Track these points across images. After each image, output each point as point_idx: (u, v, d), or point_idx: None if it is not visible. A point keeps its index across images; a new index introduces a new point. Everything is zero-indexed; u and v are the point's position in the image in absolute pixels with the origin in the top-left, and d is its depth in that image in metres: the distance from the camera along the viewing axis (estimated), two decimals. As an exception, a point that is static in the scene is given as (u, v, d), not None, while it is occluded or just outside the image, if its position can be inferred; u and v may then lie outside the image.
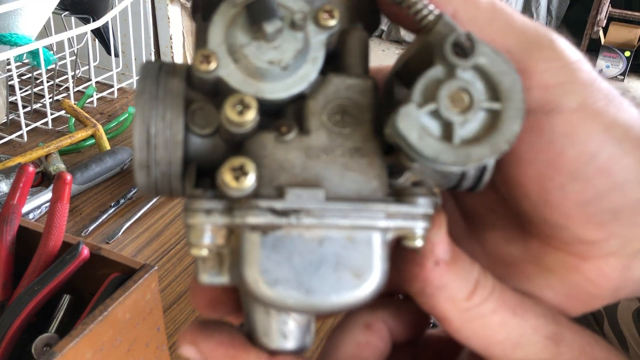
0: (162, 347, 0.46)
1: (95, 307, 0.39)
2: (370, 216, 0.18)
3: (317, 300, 0.18)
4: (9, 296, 0.46)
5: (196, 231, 0.18)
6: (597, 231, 0.21)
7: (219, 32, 0.19)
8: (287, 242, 0.18)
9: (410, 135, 0.17)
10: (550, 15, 3.71)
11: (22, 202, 0.47)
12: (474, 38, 0.18)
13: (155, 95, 0.19)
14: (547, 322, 0.21)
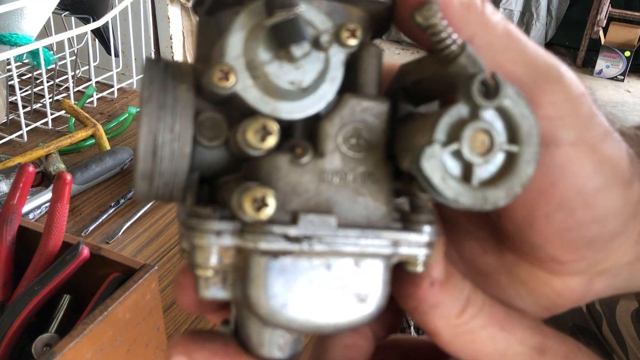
0: (162, 347, 0.46)
1: (95, 307, 0.39)
2: (378, 244, 0.18)
3: (321, 323, 0.18)
4: (9, 296, 0.46)
5: (204, 253, 0.18)
6: (571, 254, 0.23)
7: (237, 44, 0.18)
8: (297, 267, 0.18)
9: (434, 177, 0.17)
10: (550, 15, 3.71)
11: (22, 202, 0.47)
12: (499, 79, 0.17)
13: (163, 104, 0.18)
14: (533, 333, 0.22)
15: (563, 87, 0.20)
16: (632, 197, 0.22)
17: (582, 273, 0.24)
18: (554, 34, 3.75)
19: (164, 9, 1.40)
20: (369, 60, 0.19)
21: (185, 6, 1.42)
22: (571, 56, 3.72)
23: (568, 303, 0.25)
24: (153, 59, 0.19)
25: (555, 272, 0.24)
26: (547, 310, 0.26)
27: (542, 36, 3.73)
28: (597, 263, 0.24)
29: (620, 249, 0.23)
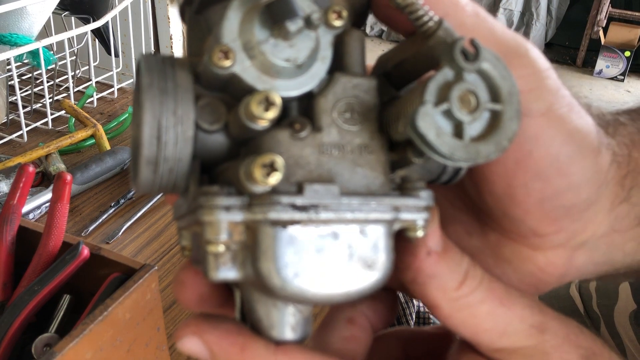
0: (162, 347, 0.46)
1: (95, 307, 0.39)
2: (380, 209, 0.19)
3: (332, 292, 0.19)
4: (9, 296, 0.46)
5: (214, 228, 0.18)
6: (550, 225, 0.24)
7: (233, 28, 0.19)
8: (305, 237, 0.18)
9: (429, 134, 0.18)
10: (550, 15, 3.71)
11: (22, 202, 0.47)
12: (478, 44, 0.19)
13: (164, 89, 0.18)
14: (533, 312, 0.23)
15: (530, 61, 0.22)
16: (602, 166, 0.23)
17: (563, 246, 0.25)
18: (554, 34, 3.75)
19: (164, 9, 1.40)
20: (353, 44, 0.20)
21: (185, 6, 1.42)
22: (571, 56, 3.72)
23: (552, 279, 0.26)
24: (149, 52, 0.20)
25: (537, 247, 0.25)
26: (533, 287, 0.27)
27: (542, 36, 3.73)
28: (576, 234, 0.25)
29: (595, 218, 0.25)
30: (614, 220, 0.25)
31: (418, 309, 1.00)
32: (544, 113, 0.22)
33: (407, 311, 0.92)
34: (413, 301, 0.92)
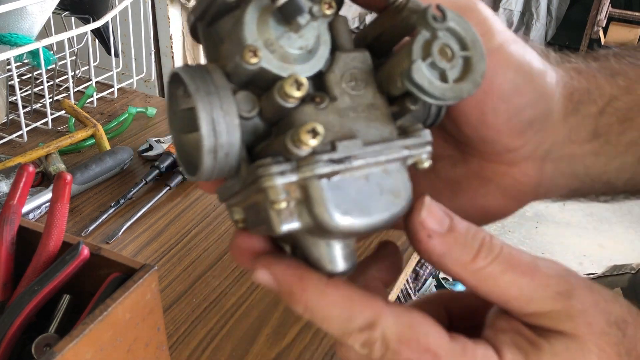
0: (162, 347, 0.46)
1: (95, 307, 0.39)
2: (394, 151, 0.24)
3: (375, 220, 0.23)
4: (9, 296, 0.46)
5: (274, 191, 0.22)
6: (518, 139, 0.29)
7: (252, 30, 0.23)
8: (345, 182, 0.23)
9: (424, 83, 0.23)
10: (550, 15, 3.71)
11: (22, 202, 0.47)
12: (443, 8, 0.24)
13: (209, 91, 0.23)
14: (558, 281, 0.25)
15: (479, 13, 0.28)
16: (550, 84, 0.29)
17: (531, 158, 0.30)
18: (554, 34, 3.75)
19: (164, 9, 1.40)
20: (341, 27, 0.25)
21: (185, 6, 1.42)
22: (571, 56, 3.72)
23: (529, 189, 0.31)
24: (184, 65, 0.24)
25: (511, 162, 0.30)
26: (515, 200, 0.32)
27: (542, 36, 3.72)
28: (539, 144, 0.30)
29: (552, 129, 0.30)
30: (569, 131, 0.30)
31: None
32: (497, 50, 0.27)
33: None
34: (413, 301, 0.92)
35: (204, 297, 0.64)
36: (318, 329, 0.60)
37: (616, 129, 0.31)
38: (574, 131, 0.30)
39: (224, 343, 0.58)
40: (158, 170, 0.82)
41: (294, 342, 0.58)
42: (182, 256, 0.70)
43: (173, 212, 0.78)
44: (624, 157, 0.31)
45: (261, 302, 0.63)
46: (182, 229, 0.74)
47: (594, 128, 0.31)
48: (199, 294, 0.64)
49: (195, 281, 0.66)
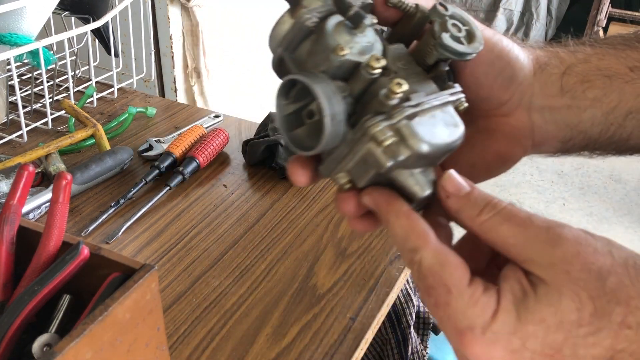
0: (162, 347, 0.46)
1: (95, 307, 0.39)
2: (444, 98, 0.34)
3: (449, 142, 0.33)
4: (9, 296, 0.46)
5: (382, 131, 0.32)
6: (505, 93, 0.40)
7: (335, 37, 0.34)
8: (422, 121, 0.32)
9: (454, 46, 0.35)
10: (550, 15, 3.71)
11: (22, 202, 0.47)
12: (444, 3, 0.36)
13: (319, 81, 0.33)
14: (547, 232, 0.30)
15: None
16: (519, 52, 0.40)
17: (520, 107, 0.41)
18: (554, 34, 3.75)
19: (164, 9, 1.40)
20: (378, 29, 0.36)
21: (185, 6, 1.41)
22: (571, 56, 3.71)
23: (526, 133, 0.42)
24: (294, 75, 0.34)
25: (506, 113, 0.41)
26: (519, 144, 0.42)
27: (542, 36, 3.72)
28: (522, 96, 0.41)
29: (527, 82, 0.40)
30: (541, 86, 0.41)
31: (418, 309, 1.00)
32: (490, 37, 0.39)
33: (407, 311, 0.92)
34: (413, 301, 0.92)
35: (204, 297, 0.64)
36: (318, 329, 0.60)
37: (579, 87, 0.40)
38: (545, 86, 0.41)
39: (224, 343, 0.58)
40: (158, 170, 0.82)
41: (294, 342, 0.58)
42: (182, 256, 0.70)
43: (173, 212, 0.78)
44: (592, 110, 0.41)
45: (261, 302, 0.63)
46: (182, 229, 0.74)
47: (560, 85, 0.41)
48: (199, 294, 0.64)
49: (195, 281, 0.66)
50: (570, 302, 0.29)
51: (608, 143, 0.41)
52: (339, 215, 0.78)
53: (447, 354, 1.13)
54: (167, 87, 1.51)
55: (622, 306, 0.28)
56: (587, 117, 0.41)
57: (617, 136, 0.42)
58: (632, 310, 0.28)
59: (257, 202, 0.80)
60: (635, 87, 0.40)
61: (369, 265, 0.69)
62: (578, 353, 0.29)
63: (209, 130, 0.93)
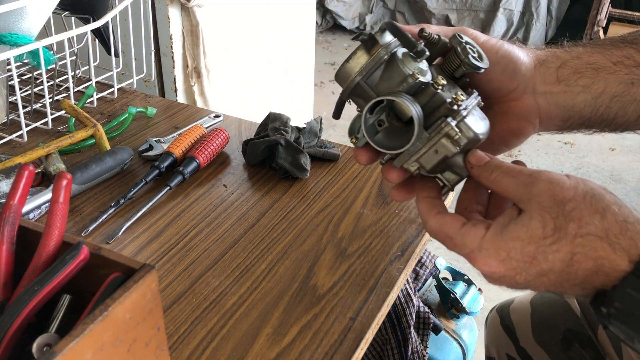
0: (162, 347, 0.46)
1: (95, 307, 0.39)
2: (474, 100, 0.49)
3: (485, 132, 0.48)
4: (9, 296, 0.46)
5: (454, 129, 0.46)
6: (512, 82, 0.54)
7: (406, 66, 0.47)
8: (470, 119, 0.47)
9: (477, 63, 0.49)
10: (550, 15, 3.71)
11: (22, 202, 0.47)
12: (460, 34, 0.50)
13: (406, 99, 0.47)
14: (528, 177, 0.44)
15: (471, 32, 0.54)
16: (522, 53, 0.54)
17: (526, 92, 0.54)
18: (554, 34, 3.75)
19: (164, 9, 1.40)
20: None
21: (185, 6, 1.41)
22: (571, 56, 3.71)
23: (534, 112, 0.55)
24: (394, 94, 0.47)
25: (515, 98, 0.54)
26: (528, 122, 0.55)
27: (542, 36, 3.72)
28: (526, 84, 0.54)
29: (530, 73, 0.54)
30: (541, 76, 0.53)
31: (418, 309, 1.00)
32: (484, 43, 0.53)
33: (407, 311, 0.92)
34: (413, 301, 0.92)
35: (204, 297, 0.64)
36: (318, 329, 0.60)
37: (572, 77, 0.53)
38: (544, 77, 0.54)
39: (224, 343, 0.58)
40: (158, 170, 0.82)
41: (294, 342, 0.58)
42: (182, 256, 0.70)
43: (173, 212, 0.78)
44: (584, 95, 0.53)
45: (261, 302, 0.63)
46: (182, 229, 0.74)
47: (556, 76, 0.53)
48: (199, 294, 0.64)
49: (195, 281, 0.66)
50: (537, 222, 0.41)
51: (599, 121, 0.51)
52: (339, 215, 0.78)
53: (447, 354, 1.13)
54: (167, 87, 1.51)
55: (575, 222, 0.40)
56: (579, 100, 0.53)
57: (606, 116, 0.54)
58: (583, 225, 0.40)
59: (257, 202, 0.80)
60: (618, 77, 0.52)
61: (369, 265, 0.69)
62: (547, 258, 0.41)
63: (209, 130, 0.93)
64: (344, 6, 4.04)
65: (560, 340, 0.85)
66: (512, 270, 0.43)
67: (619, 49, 0.53)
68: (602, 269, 0.39)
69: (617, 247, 0.39)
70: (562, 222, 0.40)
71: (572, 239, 0.40)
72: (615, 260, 0.39)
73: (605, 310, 0.40)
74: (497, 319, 0.95)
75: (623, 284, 0.38)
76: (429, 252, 1.11)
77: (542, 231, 0.41)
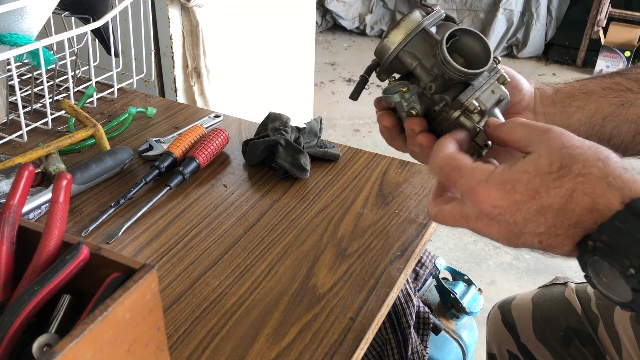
0: (162, 347, 0.46)
1: (95, 307, 0.39)
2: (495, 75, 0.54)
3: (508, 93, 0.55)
4: (9, 296, 0.46)
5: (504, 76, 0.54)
6: (517, 96, 0.59)
7: None
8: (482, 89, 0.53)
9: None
10: (550, 15, 3.70)
11: (22, 202, 0.47)
12: None
13: None
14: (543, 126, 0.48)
15: None
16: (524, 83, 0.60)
17: (527, 109, 0.61)
18: (554, 34, 3.75)
19: (164, 9, 1.40)
20: None
21: (185, 6, 1.41)
22: (571, 56, 3.72)
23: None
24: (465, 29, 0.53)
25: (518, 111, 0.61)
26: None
27: (542, 36, 3.72)
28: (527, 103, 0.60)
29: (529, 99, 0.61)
30: (539, 100, 0.61)
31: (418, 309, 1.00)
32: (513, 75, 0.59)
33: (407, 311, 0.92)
34: (413, 301, 0.92)
35: (204, 297, 0.64)
36: (318, 329, 0.60)
37: (566, 100, 0.60)
38: (542, 100, 0.61)
39: (224, 343, 0.58)
40: (158, 170, 0.82)
41: (294, 342, 0.58)
42: (182, 256, 0.70)
43: (173, 212, 0.78)
44: (578, 115, 0.59)
45: (261, 302, 0.63)
46: (182, 229, 0.74)
47: (552, 99, 0.60)
48: (199, 294, 0.64)
49: (195, 281, 0.66)
50: (545, 160, 0.45)
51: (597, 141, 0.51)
52: (339, 215, 0.78)
53: (447, 354, 1.13)
54: (167, 87, 1.51)
55: (579, 164, 0.44)
56: (575, 119, 0.59)
57: (601, 135, 0.59)
58: (586, 166, 0.43)
59: (257, 202, 0.80)
60: (608, 99, 0.59)
61: (369, 265, 0.69)
62: (550, 193, 0.44)
63: (209, 130, 0.93)
64: (344, 6, 4.04)
65: (561, 337, 0.85)
66: (514, 204, 0.45)
67: (608, 78, 0.61)
68: (597, 206, 0.43)
69: (613, 186, 0.42)
70: (568, 162, 0.44)
71: (574, 176, 0.43)
72: (610, 199, 0.42)
73: (592, 243, 0.42)
74: (498, 315, 0.95)
75: (612, 219, 0.42)
76: (429, 252, 1.11)
77: (548, 167, 0.44)
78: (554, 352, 0.85)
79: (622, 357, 0.77)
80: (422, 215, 0.78)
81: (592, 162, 0.43)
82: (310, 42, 2.07)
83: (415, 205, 0.80)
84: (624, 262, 0.41)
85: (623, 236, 0.41)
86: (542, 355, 0.87)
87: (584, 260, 0.44)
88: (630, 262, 0.41)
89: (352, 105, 3.09)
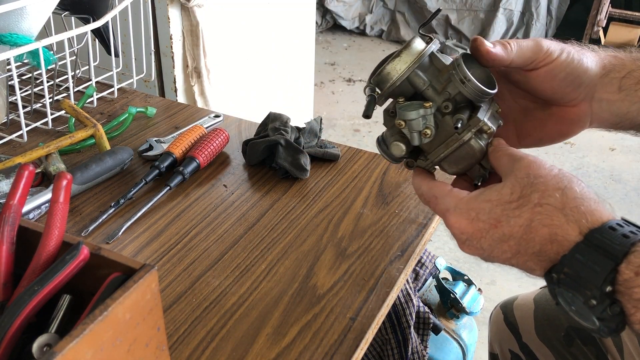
0: (162, 347, 0.46)
1: (95, 307, 0.39)
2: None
3: None
4: (9, 296, 0.46)
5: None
6: (575, 93, 0.56)
7: None
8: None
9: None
10: (550, 15, 3.70)
11: (22, 202, 0.47)
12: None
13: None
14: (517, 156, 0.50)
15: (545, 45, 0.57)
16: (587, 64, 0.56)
17: (584, 100, 0.57)
18: (554, 34, 3.74)
19: (164, 9, 1.40)
20: None
21: (185, 6, 1.41)
22: (571, 56, 3.71)
23: (585, 118, 0.58)
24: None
25: (574, 105, 0.57)
26: (577, 125, 0.58)
27: (542, 36, 3.72)
28: (587, 94, 0.56)
29: (592, 85, 0.56)
30: (603, 86, 0.56)
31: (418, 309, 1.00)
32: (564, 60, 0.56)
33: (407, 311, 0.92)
34: (413, 301, 0.92)
35: (204, 297, 0.64)
36: (318, 329, 0.60)
37: (634, 87, 0.56)
38: (606, 86, 0.56)
39: (224, 343, 0.58)
40: (158, 170, 0.82)
41: (294, 342, 0.58)
42: (182, 256, 0.70)
43: (173, 212, 0.78)
44: None
45: (261, 302, 0.63)
46: (182, 229, 0.74)
47: (619, 85, 0.56)
48: (199, 294, 0.64)
49: (195, 281, 0.66)
50: (508, 190, 0.47)
51: None
52: (339, 215, 0.78)
53: (447, 354, 1.13)
54: (167, 87, 1.51)
55: (538, 193, 0.45)
56: (635, 108, 0.56)
57: None
58: (544, 196, 0.45)
59: (257, 202, 0.80)
60: None
61: (369, 265, 0.69)
62: (510, 222, 0.46)
63: (209, 130, 0.93)
64: (344, 6, 4.04)
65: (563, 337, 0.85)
66: (478, 231, 0.47)
67: None
68: (556, 237, 0.43)
69: (570, 218, 0.43)
70: (528, 191, 0.45)
71: (532, 206, 0.45)
72: (567, 230, 0.43)
73: (556, 276, 0.43)
74: (500, 315, 0.96)
75: (572, 251, 0.42)
76: (429, 252, 1.11)
77: (509, 197, 0.46)
78: (555, 352, 0.85)
79: (624, 356, 0.77)
80: (422, 215, 0.78)
81: (550, 192, 0.44)
82: (310, 42, 2.07)
83: (415, 205, 0.80)
84: (586, 294, 0.42)
85: (583, 268, 0.42)
86: (544, 354, 0.87)
87: (553, 290, 0.45)
88: (591, 293, 0.42)
89: (352, 105, 3.09)
